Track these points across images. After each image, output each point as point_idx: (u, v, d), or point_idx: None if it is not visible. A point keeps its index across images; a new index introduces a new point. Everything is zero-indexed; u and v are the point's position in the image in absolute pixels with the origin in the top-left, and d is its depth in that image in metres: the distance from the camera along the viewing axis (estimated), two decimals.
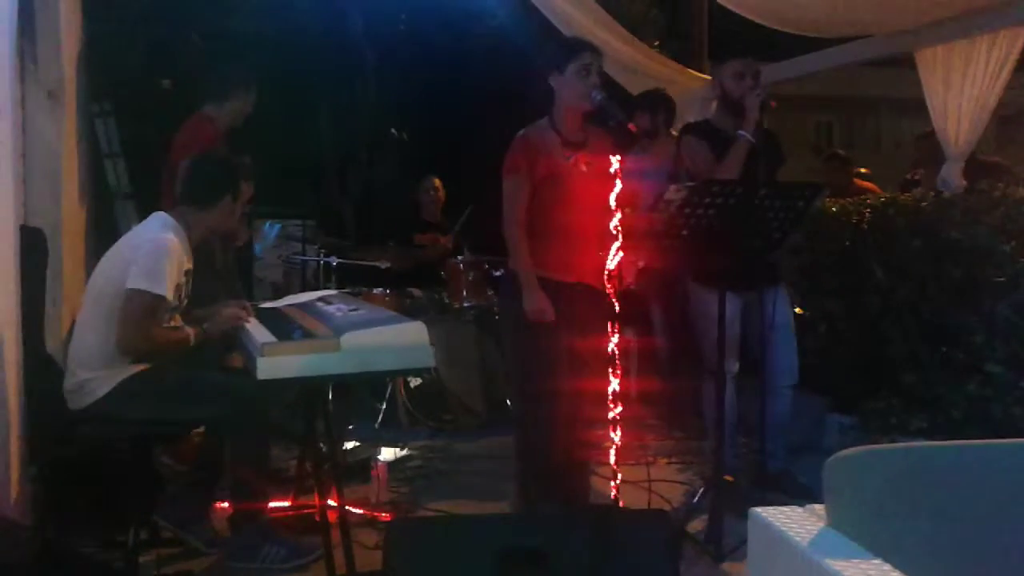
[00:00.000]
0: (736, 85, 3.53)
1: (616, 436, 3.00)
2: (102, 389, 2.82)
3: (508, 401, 5.14)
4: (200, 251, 3.17)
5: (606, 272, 3.05)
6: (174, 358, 2.93)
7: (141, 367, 2.88)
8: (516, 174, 3.16)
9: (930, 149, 4.92)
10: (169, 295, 2.82)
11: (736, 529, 2.82)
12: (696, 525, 3.25)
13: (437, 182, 5.95)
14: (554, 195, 3.15)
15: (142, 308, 2.79)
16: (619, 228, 2.97)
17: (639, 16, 6.99)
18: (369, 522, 3.33)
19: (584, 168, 3.16)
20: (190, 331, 2.92)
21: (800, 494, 3.36)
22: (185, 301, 3.02)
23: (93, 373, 2.83)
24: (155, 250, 2.83)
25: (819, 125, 19.53)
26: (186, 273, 2.97)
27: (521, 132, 3.22)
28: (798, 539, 1.40)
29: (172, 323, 2.97)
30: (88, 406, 2.83)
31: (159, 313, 2.84)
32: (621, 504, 3.07)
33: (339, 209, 7.87)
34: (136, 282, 2.77)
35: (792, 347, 3.70)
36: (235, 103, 4.01)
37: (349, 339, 2.39)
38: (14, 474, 2.79)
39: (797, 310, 4.06)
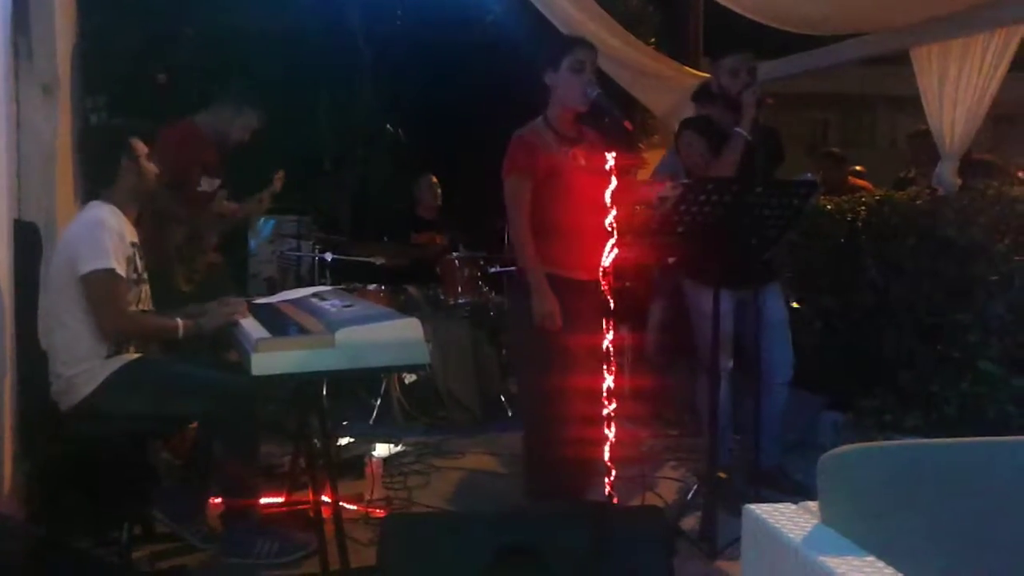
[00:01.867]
0: (732, 81, 3.52)
1: (611, 432, 3.00)
2: (88, 386, 2.82)
3: (503, 397, 5.16)
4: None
5: (601, 268, 3.05)
6: (166, 347, 2.93)
7: (127, 358, 2.88)
8: (516, 174, 3.14)
9: (924, 147, 4.93)
10: (120, 268, 2.83)
11: (730, 526, 2.83)
12: (690, 522, 3.26)
13: (434, 179, 5.95)
14: (558, 191, 3.12)
15: (103, 287, 2.81)
16: (614, 225, 2.96)
17: (634, 13, 6.97)
18: (363, 518, 3.34)
19: (583, 162, 3.15)
20: (179, 322, 2.92)
21: (794, 491, 3.37)
22: (144, 274, 3.03)
23: (75, 369, 2.82)
24: (91, 230, 2.85)
25: (815, 123, 19.54)
26: (132, 245, 2.97)
27: (517, 133, 3.20)
28: (792, 536, 1.40)
29: (142, 301, 2.98)
30: (78, 403, 2.82)
31: (120, 287, 2.85)
32: (615, 501, 3.06)
33: (334, 205, 7.86)
34: (86, 266, 2.79)
35: (787, 344, 3.70)
36: (224, 117, 3.95)
37: (344, 335, 2.39)
38: (7, 469, 2.79)
39: (794, 304, 4.06)
